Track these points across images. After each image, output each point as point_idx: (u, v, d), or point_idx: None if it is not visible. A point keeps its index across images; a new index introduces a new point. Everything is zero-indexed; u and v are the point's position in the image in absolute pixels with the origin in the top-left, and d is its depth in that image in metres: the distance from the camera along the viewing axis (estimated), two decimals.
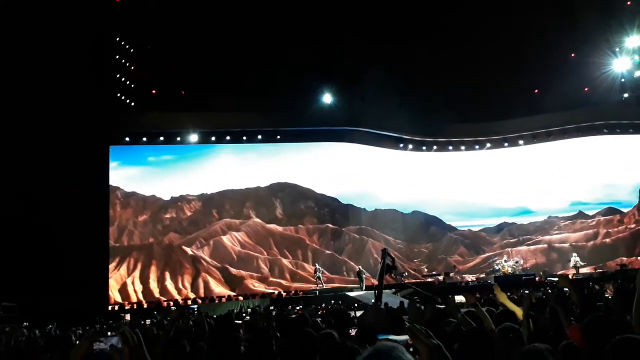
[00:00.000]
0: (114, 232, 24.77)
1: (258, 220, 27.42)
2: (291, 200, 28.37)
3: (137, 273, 24.55)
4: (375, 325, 5.06)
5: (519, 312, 4.74)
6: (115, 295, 23.56)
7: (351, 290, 23.70)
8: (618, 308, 4.73)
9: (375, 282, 20.24)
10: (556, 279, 21.98)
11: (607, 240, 28.40)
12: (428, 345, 1.80)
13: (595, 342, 3.68)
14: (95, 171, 22.27)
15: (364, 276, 24.13)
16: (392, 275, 17.04)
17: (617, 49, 26.53)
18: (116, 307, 22.71)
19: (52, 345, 6.19)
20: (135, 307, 22.97)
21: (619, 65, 26.92)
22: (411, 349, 1.86)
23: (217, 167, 27.01)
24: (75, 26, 19.66)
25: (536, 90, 28.29)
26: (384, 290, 16.59)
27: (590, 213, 29.51)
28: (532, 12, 24.66)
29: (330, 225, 28.48)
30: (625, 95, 28.33)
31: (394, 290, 22.88)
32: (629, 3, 25.48)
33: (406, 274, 25.24)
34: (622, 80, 27.74)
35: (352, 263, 26.59)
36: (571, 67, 26.32)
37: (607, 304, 5.44)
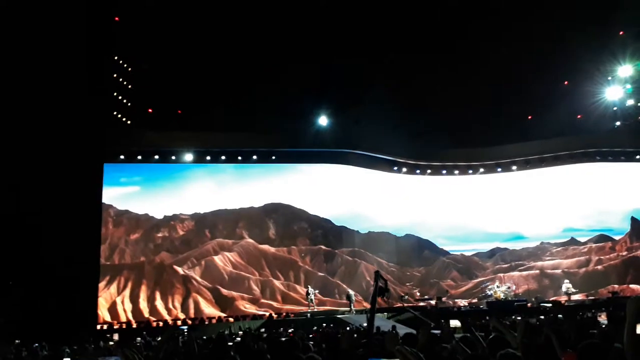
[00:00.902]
0: (105, 250, 24.55)
1: (251, 240, 27.30)
2: (284, 221, 28.31)
3: (127, 292, 24.28)
4: (351, 349, 5.03)
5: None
6: (104, 314, 23.26)
7: (343, 313, 23.53)
8: (612, 336, 4.73)
9: (366, 305, 20.12)
10: (549, 305, 21.94)
11: (599, 267, 28.45)
12: None
13: None
14: (88, 188, 22.18)
15: (353, 299, 24.09)
16: (385, 298, 16.91)
17: (610, 78, 26.93)
18: (105, 327, 22.40)
19: None
20: (124, 326, 22.66)
21: (612, 94, 27.29)
22: None
23: (210, 186, 26.96)
24: (73, 44, 19.78)
25: (529, 117, 28.60)
26: (376, 314, 16.46)
27: (583, 240, 29.62)
28: (525, 40, 25.03)
29: (323, 247, 28.38)
30: (618, 123, 28.66)
31: (388, 314, 22.75)
32: (621, 33, 25.94)
33: (406, 297, 25.21)
34: (615, 108, 28.10)
35: (344, 285, 26.45)
36: (564, 95, 26.66)
37: (601, 331, 5.43)
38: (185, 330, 17.58)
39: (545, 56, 25.59)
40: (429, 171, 29.80)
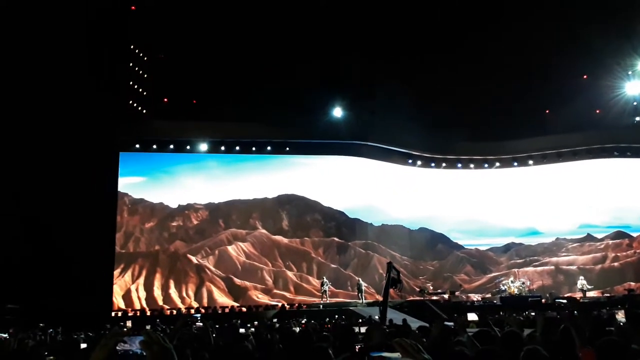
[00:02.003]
0: (120, 238, 24.80)
1: (264, 231, 27.37)
2: (298, 212, 28.34)
3: (141, 280, 24.53)
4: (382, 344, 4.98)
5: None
6: (119, 301, 23.52)
7: (355, 305, 23.54)
8: (631, 334, 4.65)
9: (379, 297, 20.09)
10: (564, 300, 21.75)
11: (616, 264, 28.09)
12: (418, 359, 1.78)
13: None
14: (104, 177, 22.36)
15: (363, 289, 24.15)
16: (397, 288, 16.87)
17: (630, 72, 26.46)
18: (119, 313, 22.65)
19: (57, 350, 6.15)
20: (138, 314, 22.89)
21: (632, 89, 26.82)
22: None
23: (225, 177, 27.06)
24: (90, 33, 19.87)
25: (547, 111, 28.23)
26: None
27: (599, 236, 29.22)
28: (545, 34, 24.66)
29: (336, 239, 28.38)
30: (637, 118, 28.20)
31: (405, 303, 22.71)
32: None
33: (427, 289, 25.32)
34: (635, 103, 27.63)
35: (357, 278, 26.44)
36: (583, 89, 26.25)
37: (619, 329, 5.34)
38: (199, 318, 17.72)
39: (564, 50, 25.18)
40: (444, 164, 29.58)
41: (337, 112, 26.44)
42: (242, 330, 8.21)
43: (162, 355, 1.85)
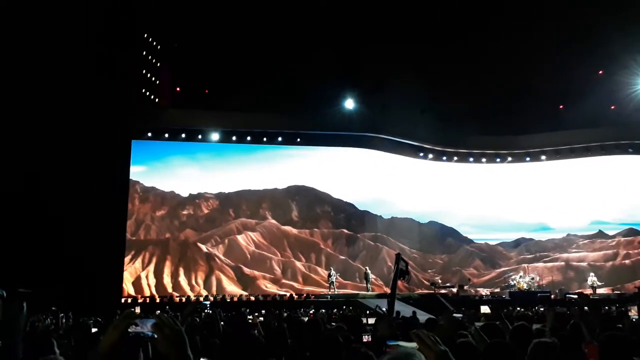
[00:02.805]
0: (131, 225, 24.99)
1: (274, 221, 27.46)
2: (307, 203, 28.39)
3: (151, 267, 24.74)
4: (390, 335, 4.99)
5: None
6: (128, 288, 23.74)
7: (364, 297, 23.57)
8: None
9: (387, 289, 20.09)
10: (575, 296, 21.63)
11: (627, 261, 27.87)
12: (435, 350, 1.78)
13: None
14: (116, 165, 22.49)
15: (370, 278, 24.25)
16: (404, 280, 16.83)
17: None
18: (129, 300, 22.86)
19: (67, 332, 6.23)
20: (148, 300, 23.09)
21: None
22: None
23: (235, 166, 27.14)
24: (103, 21, 19.93)
25: (561, 106, 27.93)
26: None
27: (611, 233, 29.01)
28: (561, 28, 24.35)
29: (345, 231, 28.41)
30: None
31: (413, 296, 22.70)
32: None
33: (438, 282, 25.36)
34: None
35: (364, 268, 26.46)
36: (598, 85, 25.91)
37: (631, 325, 5.31)
38: (208, 305, 17.84)
39: (579, 44, 24.85)
40: (455, 158, 29.42)
41: (349, 103, 26.34)
42: (249, 318, 8.27)
43: (173, 338, 1.85)
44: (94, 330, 8.23)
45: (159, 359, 2.27)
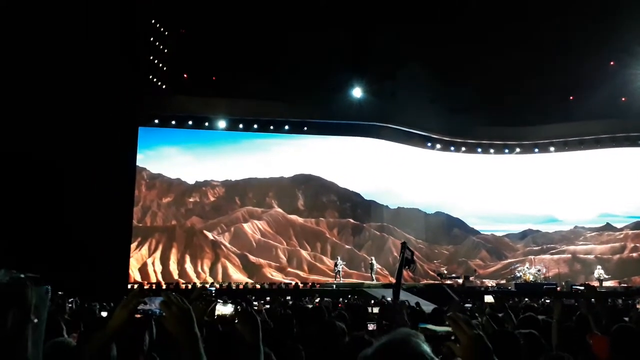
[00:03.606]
0: (137, 212, 25.08)
1: (280, 210, 27.49)
2: (314, 192, 28.38)
3: (158, 254, 24.85)
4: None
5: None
6: (135, 274, 23.88)
7: (369, 287, 23.60)
8: None
9: (392, 279, 20.10)
10: (582, 287, 21.52)
11: (634, 254, 27.72)
12: (470, 335, 1.74)
13: (623, 354, 3.55)
14: (123, 151, 22.49)
15: (375, 268, 24.30)
16: (410, 268, 16.79)
17: None
18: (135, 286, 22.99)
19: (75, 318, 6.25)
20: (154, 287, 23.22)
21: None
22: (452, 337, 1.80)
23: (242, 154, 27.13)
24: (110, 7, 19.85)
25: (571, 97, 27.66)
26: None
27: (619, 226, 28.83)
28: (571, 18, 24.05)
29: (351, 220, 28.41)
30: None
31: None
32: None
33: (445, 273, 25.41)
34: None
35: (370, 258, 26.49)
36: (609, 76, 25.63)
37: (638, 317, 5.25)
38: (214, 291, 17.91)
39: (591, 35, 24.55)
40: (463, 149, 29.24)
41: (357, 92, 26.18)
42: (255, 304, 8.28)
43: (180, 316, 1.87)
44: (103, 314, 8.28)
45: (165, 339, 2.27)
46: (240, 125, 26.25)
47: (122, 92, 20.58)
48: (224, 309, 2.75)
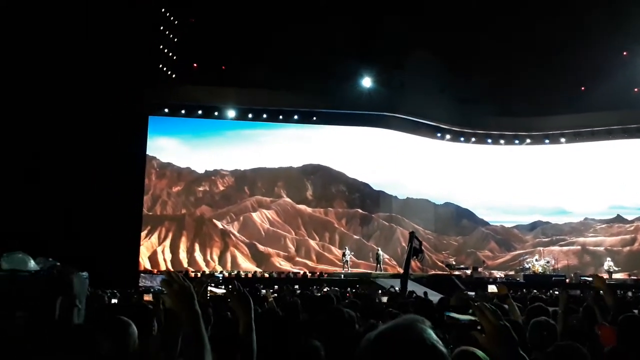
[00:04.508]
0: (147, 200, 25.25)
1: (288, 199, 27.56)
2: (322, 182, 28.40)
3: (167, 242, 25.05)
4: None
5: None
6: (145, 262, 24.09)
7: (376, 277, 23.64)
8: None
9: (400, 270, 20.14)
10: (590, 278, 21.45)
11: None
12: (496, 325, 1.76)
13: (630, 344, 3.56)
14: (133, 140, 22.62)
15: (382, 259, 24.32)
16: (418, 258, 16.78)
17: None
18: (145, 274, 23.20)
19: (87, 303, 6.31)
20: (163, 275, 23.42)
21: None
22: (478, 327, 1.82)
23: (251, 144, 27.17)
24: None
25: (582, 88, 27.37)
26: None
27: (629, 218, 28.60)
28: (584, 8, 23.74)
29: (359, 211, 28.42)
30: None
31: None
32: None
33: (454, 263, 25.42)
34: None
35: (377, 248, 26.51)
36: (621, 66, 25.32)
37: None
38: (221, 278, 18.07)
39: (603, 25, 24.23)
40: (473, 139, 29.04)
41: (367, 82, 26.04)
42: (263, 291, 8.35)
43: (181, 293, 1.91)
44: (113, 301, 8.39)
45: (171, 324, 2.32)
46: (250, 115, 26.23)
47: (132, 81, 20.67)
48: (217, 290, 2.84)
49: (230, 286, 2.50)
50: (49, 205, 18.66)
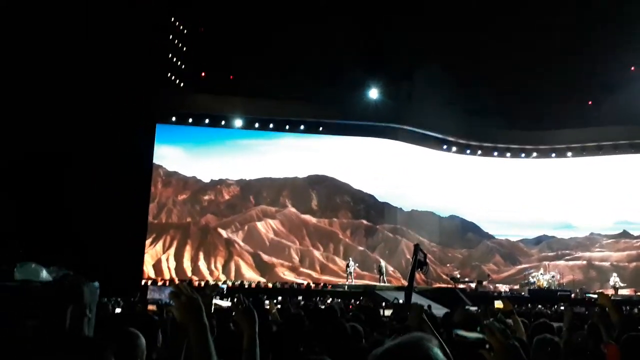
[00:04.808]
0: (153, 208, 25.30)
1: (293, 209, 27.55)
2: (327, 193, 28.38)
3: (172, 251, 25.06)
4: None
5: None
6: (149, 270, 24.10)
7: (381, 289, 23.56)
8: None
9: (404, 282, 20.06)
10: (595, 295, 21.29)
11: None
12: (505, 345, 1.75)
13: None
14: (140, 148, 22.72)
15: (384, 271, 24.24)
16: (422, 271, 16.75)
17: None
18: (149, 282, 23.19)
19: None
20: (167, 283, 23.41)
21: None
22: (487, 346, 1.81)
23: (257, 154, 27.23)
24: (130, 4, 20.06)
25: (590, 102, 27.35)
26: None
27: (636, 233, 28.41)
28: (592, 23, 23.81)
29: (364, 222, 28.36)
30: None
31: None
32: None
33: (459, 276, 25.30)
34: None
35: (383, 261, 26.42)
36: (629, 81, 25.31)
37: None
38: (225, 289, 18.04)
39: (611, 39, 24.27)
40: (479, 152, 28.99)
41: (374, 93, 26.11)
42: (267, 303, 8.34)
43: (189, 305, 1.93)
44: (117, 310, 8.39)
45: (177, 336, 2.33)
46: (257, 124, 26.31)
47: (140, 89, 20.79)
48: (222, 303, 2.86)
49: (235, 299, 2.49)
50: (53, 212, 18.72)
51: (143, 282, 22.94)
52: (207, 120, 25.85)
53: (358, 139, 27.70)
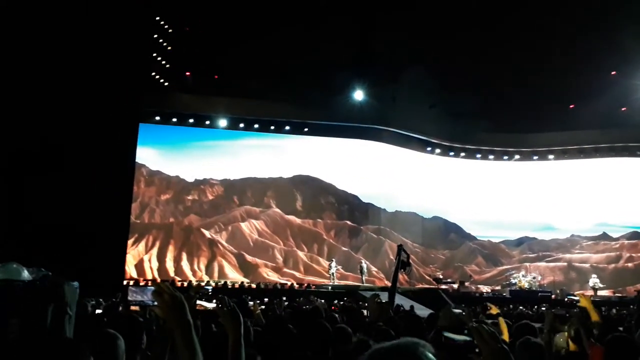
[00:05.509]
0: (135, 208, 25.04)
1: (278, 210, 27.51)
2: (312, 193, 28.40)
3: (154, 251, 24.84)
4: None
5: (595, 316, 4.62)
6: (131, 270, 23.87)
7: (364, 289, 23.61)
8: None
9: (388, 283, 20.13)
10: (576, 297, 21.58)
11: (630, 264, 27.79)
12: (494, 348, 1.75)
13: None
14: (123, 147, 22.47)
15: (365, 271, 24.32)
16: (405, 271, 16.81)
17: None
18: (131, 283, 22.96)
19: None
20: (149, 284, 23.19)
21: None
22: (477, 350, 1.81)
23: (242, 154, 27.13)
24: (114, 3, 19.87)
25: (571, 106, 27.72)
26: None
27: (615, 235, 28.90)
28: (575, 28, 24.14)
29: (348, 223, 28.43)
30: None
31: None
32: None
33: (442, 277, 25.43)
34: None
35: (367, 262, 26.50)
36: (610, 86, 25.69)
37: (629, 327, 5.30)
38: (210, 290, 17.92)
39: (593, 44, 24.62)
40: (462, 154, 29.26)
41: (359, 95, 26.17)
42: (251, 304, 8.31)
43: (172, 304, 1.92)
44: (98, 311, 8.29)
45: (162, 338, 2.32)
46: (241, 125, 26.21)
47: (123, 88, 20.58)
48: (206, 304, 2.84)
49: (219, 302, 2.48)
50: (34, 211, 18.46)
51: (125, 282, 22.71)
52: (191, 120, 25.69)
53: (343, 140, 27.76)
